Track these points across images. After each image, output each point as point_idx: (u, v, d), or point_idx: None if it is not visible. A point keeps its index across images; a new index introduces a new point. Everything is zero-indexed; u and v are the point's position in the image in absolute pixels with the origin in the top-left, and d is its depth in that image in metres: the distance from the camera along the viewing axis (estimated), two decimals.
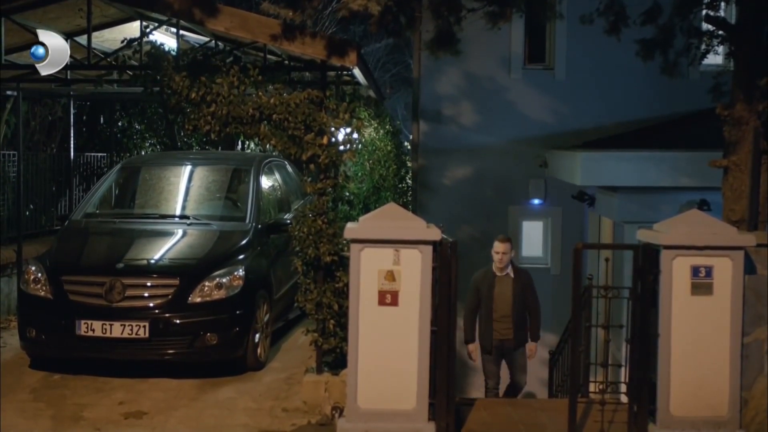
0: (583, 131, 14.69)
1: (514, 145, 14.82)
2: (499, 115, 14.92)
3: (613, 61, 14.58)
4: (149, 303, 8.32)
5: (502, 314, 9.35)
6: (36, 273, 8.64)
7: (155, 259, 8.88)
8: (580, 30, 13.44)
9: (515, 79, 14.98)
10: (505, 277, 9.43)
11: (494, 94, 14.94)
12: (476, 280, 9.52)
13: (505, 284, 9.41)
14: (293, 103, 7.64)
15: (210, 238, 9.16)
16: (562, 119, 14.86)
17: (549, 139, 14.79)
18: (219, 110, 7.67)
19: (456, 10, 8.27)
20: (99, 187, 10.22)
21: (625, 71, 14.57)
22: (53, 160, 12.88)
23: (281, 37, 7.36)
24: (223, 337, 8.38)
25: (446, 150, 14.80)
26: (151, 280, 8.47)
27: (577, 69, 14.80)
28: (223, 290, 8.43)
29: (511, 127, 14.87)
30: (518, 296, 9.38)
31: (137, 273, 8.54)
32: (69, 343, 8.34)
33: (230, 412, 7.77)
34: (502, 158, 14.86)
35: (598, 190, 13.45)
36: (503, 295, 9.36)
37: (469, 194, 14.75)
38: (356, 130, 7.86)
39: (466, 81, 14.98)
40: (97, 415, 7.64)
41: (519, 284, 9.42)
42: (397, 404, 7.21)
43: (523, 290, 9.42)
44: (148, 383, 8.42)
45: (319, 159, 7.75)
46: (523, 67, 15.01)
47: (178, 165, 10.49)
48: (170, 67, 7.81)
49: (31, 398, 8.05)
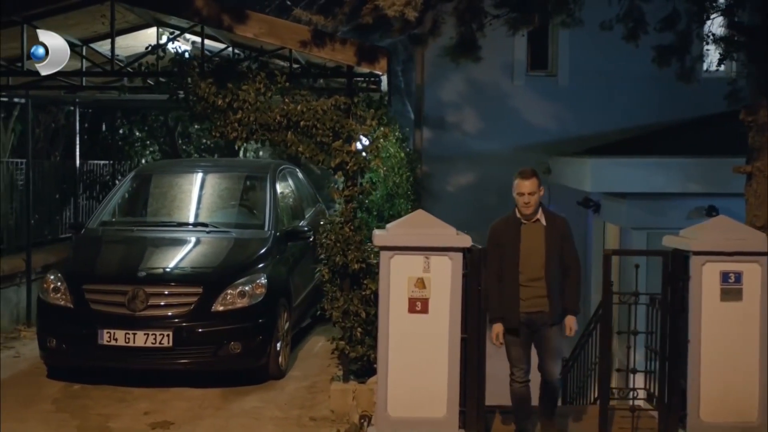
0: (585, 138, 14.76)
1: (517, 152, 14.84)
2: (502, 122, 14.97)
3: (615, 68, 14.69)
4: (172, 311, 8.23)
5: (532, 276, 6.78)
6: (55, 282, 8.54)
7: (177, 267, 8.81)
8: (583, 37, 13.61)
9: (518, 85, 15.05)
10: (535, 224, 6.82)
11: (497, 101, 15.00)
12: (496, 232, 6.96)
13: (535, 235, 6.80)
14: (321, 109, 7.60)
15: (230, 246, 9.09)
16: (565, 126, 14.92)
17: (552, 146, 14.86)
18: (245, 117, 7.62)
19: (479, 17, 8.27)
20: (113, 195, 10.12)
21: (628, 78, 14.69)
22: (59, 168, 12.77)
23: (311, 43, 7.33)
24: (246, 345, 8.30)
25: (449, 157, 14.82)
26: (174, 289, 8.39)
27: (579, 75, 14.88)
28: (246, 298, 8.36)
29: (514, 134, 14.93)
30: (554, 251, 6.81)
31: (160, 281, 8.46)
32: (91, 352, 8.23)
33: (257, 422, 7.70)
34: (506, 165, 14.68)
35: (603, 196, 13.49)
36: (533, 251, 6.79)
37: (472, 201, 14.74)
38: (383, 137, 7.83)
39: (469, 88, 15.01)
40: (123, 425, 7.54)
41: (554, 234, 6.84)
42: (427, 412, 7.18)
43: (561, 243, 6.88)
44: (170, 393, 8.33)
45: (347, 166, 7.71)
46: (526, 73, 15.08)
47: (193, 172, 10.43)
48: (195, 74, 7.76)
49: (53, 409, 7.94)
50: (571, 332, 6.93)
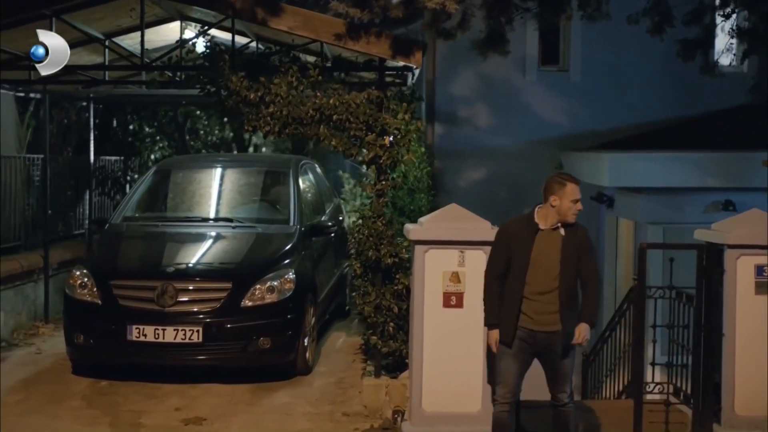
0: (597, 133, 14.75)
1: (528, 147, 14.83)
2: (514, 117, 14.94)
3: (627, 62, 14.70)
4: (201, 307, 8.18)
5: (539, 290, 6.11)
6: (82, 278, 8.46)
7: (205, 262, 8.76)
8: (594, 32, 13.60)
9: (530, 80, 15.02)
10: (554, 232, 6.11)
11: (509, 96, 14.97)
12: (507, 234, 6.27)
13: (551, 245, 6.10)
14: (354, 103, 7.56)
15: (256, 241, 9.04)
16: (576, 121, 14.89)
17: (564, 141, 14.83)
18: (278, 111, 7.57)
19: (508, 10, 8.24)
20: (135, 190, 10.07)
21: (640, 73, 14.69)
22: (73, 163, 12.69)
23: (345, 36, 7.28)
24: (276, 341, 8.26)
25: (461, 152, 14.78)
26: (203, 284, 8.34)
27: (591, 70, 14.86)
28: (275, 294, 8.32)
29: (526, 129, 14.90)
30: (570, 264, 6.09)
31: (189, 277, 8.40)
32: (120, 348, 8.17)
33: (290, 417, 7.66)
34: (517, 160, 14.85)
35: (618, 191, 13.48)
36: (545, 261, 6.10)
37: (484, 196, 14.67)
38: (416, 131, 7.80)
39: (481, 83, 14.98)
40: (155, 421, 7.49)
41: (572, 245, 6.11)
42: (462, 407, 7.16)
43: (578, 254, 6.14)
44: (199, 389, 8.27)
45: (380, 160, 7.67)
46: (538, 69, 15.05)
47: (215, 167, 10.38)
48: (227, 68, 7.71)
49: (84, 405, 7.88)
50: (580, 339, 6.17)
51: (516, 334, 6.17)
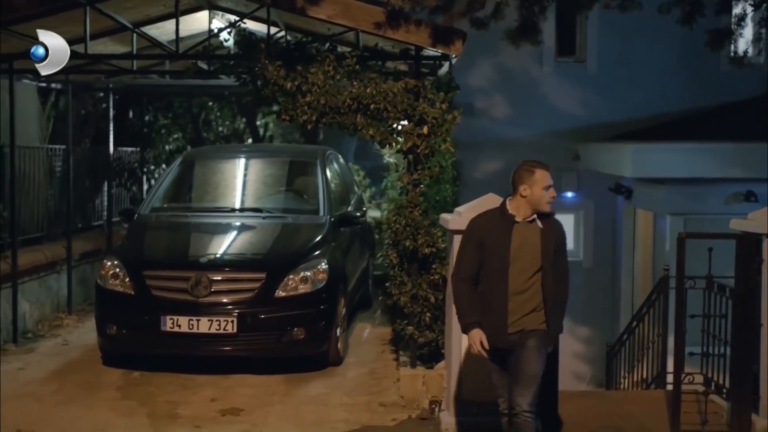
0: (614, 124, 14.74)
1: (545, 138, 14.80)
2: (531, 108, 14.92)
3: (644, 53, 14.67)
4: (235, 297, 8.13)
5: (518, 289, 5.59)
6: (114, 268, 8.42)
7: (239, 253, 8.73)
8: (611, 23, 13.59)
9: (547, 72, 14.99)
10: (531, 225, 5.64)
11: (526, 87, 14.94)
12: (478, 228, 5.76)
13: (529, 238, 5.61)
14: (391, 92, 7.52)
15: (288, 232, 9.02)
16: (593, 112, 14.88)
17: (580, 132, 14.83)
18: (315, 100, 7.53)
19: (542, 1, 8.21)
20: (162, 181, 10.02)
21: (657, 63, 14.66)
22: (92, 154, 12.64)
23: (385, 24, 7.23)
24: (310, 331, 8.23)
25: (478, 143, 14.73)
26: (237, 274, 8.29)
27: (608, 61, 14.85)
28: (309, 284, 8.28)
29: (543, 120, 14.88)
30: (549, 258, 5.63)
31: (222, 267, 8.36)
32: (153, 339, 8.13)
33: (327, 408, 7.63)
34: (534, 151, 14.61)
35: (636, 182, 13.47)
36: (524, 257, 5.58)
37: (501, 187, 14.55)
38: (452, 121, 7.76)
39: (498, 74, 14.94)
40: (192, 412, 7.46)
41: (551, 239, 5.66)
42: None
43: (556, 250, 5.69)
44: (232, 379, 8.25)
45: (418, 150, 7.64)
46: (555, 60, 15.02)
47: (242, 158, 10.35)
48: (263, 57, 7.66)
49: (119, 396, 7.86)
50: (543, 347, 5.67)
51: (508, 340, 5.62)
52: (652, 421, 7.68)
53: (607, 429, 7.52)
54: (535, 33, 8.52)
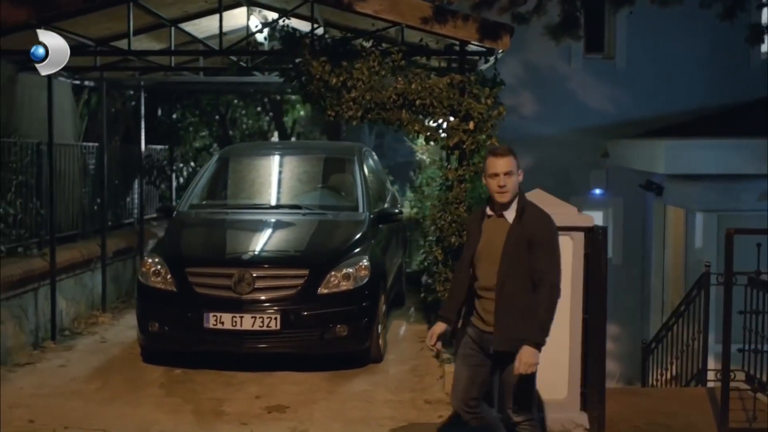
0: (644, 120, 14.72)
1: (573, 135, 14.80)
2: (559, 105, 14.91)
3: (674, 49, 14.63)
4: (278, 294, 8.09)
5: (484, 285, 5.35)
6: (156, 265, 8.39)
7: (280, 249, 8.69)
8: (640, 19, 13.53)
9: (575, 68, 14.96)
10: (499, 220, 5.34)
11: (554, 84, 14.94)
12: (468, 222, 5.86)
13: (497, 234, 5.31)
14: (437, 87, 7.48)
15: (328, 228, 8.97)
16: (622, 108, 14.86)
17: (609, 129, 14.81)
18: (360, 96, 7.50)
19: None
20: (200, 178, 9.99)
21: (686, 59, 14.61)
22: (124, 152, 12.63)
23: (432, 19, 7.20)
24: (353, 328, 8.19)
25: (506, 140, 14.57)
26: (280, 271, 8.24)
27: (637, 58, 14.84)
28: (351, 281, 8.25)
29: (571, 117, 14.87)
30: (513, 257, 5.22)
31: (265, 264, 8.33)
32: (196, 336, 8.10)
33: (372, 405, 7.59)
34: (562, 148, 14.81)
35: (668, 178, 13.41)
36: (489, 253, 5.31)
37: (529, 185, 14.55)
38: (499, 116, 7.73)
39: (525, 71, 14.92)
40: (237, 409, 7.43)
41: (520, 235, 5.24)
42: (548, 394, 7.08)
43: (529, 246, 5.22)
44: (275, 377, 8.22)
45: (464, 145, 7.60)
46: (583, 56, 14.98)
47: (279, 155, 10.31)
48: (307, 52, 7.63)
49: (163, 393, 7.83)
50: (524, 368, 5.25)
51: (467, 332, 5.47)
52: (698, 419, 7.64)
53: (654, 426, 7.47)
54: (576, 28, 8.48)
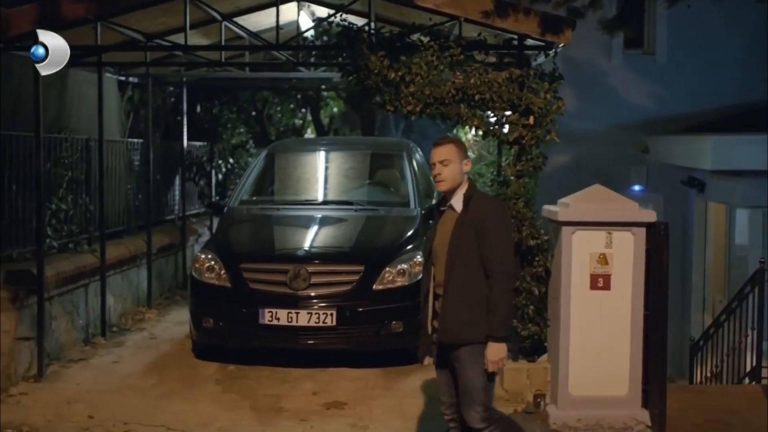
0: (684, 116, 14.60)
1: (613, 131, 14.69)
2: (599, 101, 14.80)
3: (715, 44, 14.49)
4: (334, 290, 8.06)
5: (439, 281, 5.06)
6: (209, 261, 8.37)
7: (335, 245, 8.66)
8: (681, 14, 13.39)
9: (615, 64, 14.86)
10: (449, 212, 5.10)
11: (594, 80, 14.83)
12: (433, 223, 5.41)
13: (447, 225, 5.07)
14: (496, 82, 7.42)
15: (381, 224, 8.94)
16: (662, 104, 14.74)
17: (649, 125, 14.70)
18: (419, 90, 7.44)
19: None
20: (249, 174, 9.97)
21: (728, 53, 14.48)
22: (166, 149, 12.64)
23: (493, 13, 7.14)
24: (408, 324, 8.12)
25: None
26: (336, 267, 8.22)
27: (678, 53, 14.70)
28: (405, 277, 8.20)
29: (611, 113, 14.77)
30: (460, 249, 4.94)
31: (321, 260, 8.30)
32: (252, 332, 8.07)
33: (429, 401, 7.54)
34: (602, 144, 14.70)
35: (710, 174, 13.29)
36: (442, 246, 5.05)
37: (568, 181, 14.41)
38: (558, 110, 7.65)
39: (565, 66, 14.72)
40: (296, 405, 7.40)
41: (468, 225, 4.95)
42: (609, 390, 7.05)
43: (476, 234, 4.92)
44: (329, 373, 8.19)
45: (523, 140, 7.54)
46: (623, 52, 14.88)
47: (327, 151, 10.30)
48: (365, 47, 7.57)
49: (220, 389, 7.81)
50: (492, 366, 4.95)
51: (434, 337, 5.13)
52: (755, 416, 7.55)
53: (713, 423, 7.39)
54: (632, 22, 8.38)
